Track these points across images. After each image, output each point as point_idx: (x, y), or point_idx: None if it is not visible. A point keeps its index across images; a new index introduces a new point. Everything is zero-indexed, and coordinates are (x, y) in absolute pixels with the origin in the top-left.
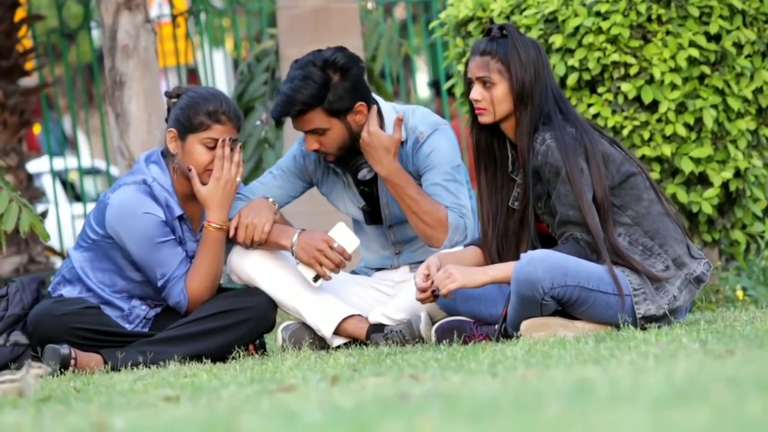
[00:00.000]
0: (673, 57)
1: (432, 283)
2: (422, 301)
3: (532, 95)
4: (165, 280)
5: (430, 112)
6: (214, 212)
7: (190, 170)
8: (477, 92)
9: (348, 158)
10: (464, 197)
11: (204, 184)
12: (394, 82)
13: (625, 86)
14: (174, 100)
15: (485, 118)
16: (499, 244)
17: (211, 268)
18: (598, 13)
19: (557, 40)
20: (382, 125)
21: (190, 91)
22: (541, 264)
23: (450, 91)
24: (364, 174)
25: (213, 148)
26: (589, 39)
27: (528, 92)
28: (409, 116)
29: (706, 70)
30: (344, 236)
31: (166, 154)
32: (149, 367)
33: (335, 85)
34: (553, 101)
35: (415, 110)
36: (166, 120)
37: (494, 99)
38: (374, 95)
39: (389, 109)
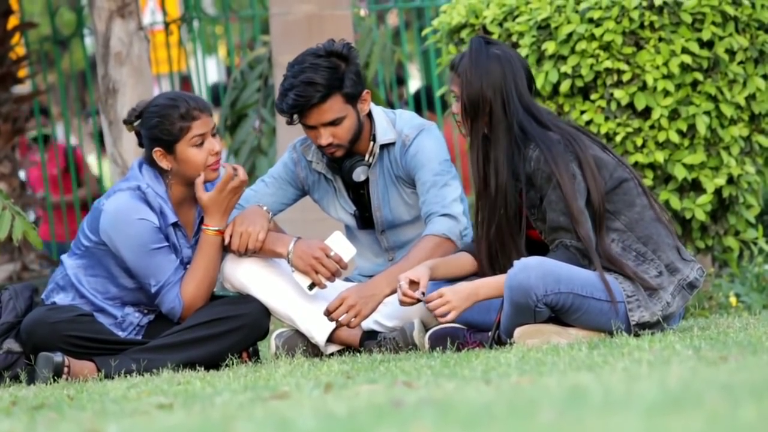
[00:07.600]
0: (665, 64)
1: (421, 293)
2: (404, 303)
3: (482, 107)
4: (159, 287)
5: (414, 115)
6: (214, 218)
7: (196, 182)
8: (455, 106)
9: (346, 156)
10: (454, 191)
11: (207, 180)
12: (387, 89)
13: (618, 93)
14: (136, 123)
15: (462, 129)
16: (493, 251)
17: (207, 273)
18: (590, 20)
19: (550, 47)
20: (372, 128)
21: (150, 108)
22: (534, 271)
23: (443, 98)
24: (359, 174)
25: (202, 143)
26: (581, 46)
27: (474, 104)
28: (396, 120)
29: (699, 76)
30: (341, 245)
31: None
32: (142, 375)
33: (344, 71)
34: (522, 112)
35: (401, 114)
36: (140, 144)
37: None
38: None
39: (379, 112)
